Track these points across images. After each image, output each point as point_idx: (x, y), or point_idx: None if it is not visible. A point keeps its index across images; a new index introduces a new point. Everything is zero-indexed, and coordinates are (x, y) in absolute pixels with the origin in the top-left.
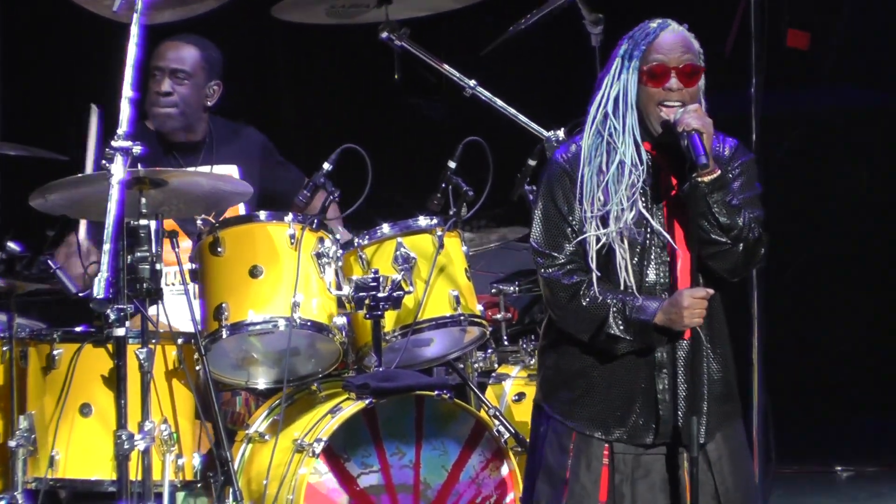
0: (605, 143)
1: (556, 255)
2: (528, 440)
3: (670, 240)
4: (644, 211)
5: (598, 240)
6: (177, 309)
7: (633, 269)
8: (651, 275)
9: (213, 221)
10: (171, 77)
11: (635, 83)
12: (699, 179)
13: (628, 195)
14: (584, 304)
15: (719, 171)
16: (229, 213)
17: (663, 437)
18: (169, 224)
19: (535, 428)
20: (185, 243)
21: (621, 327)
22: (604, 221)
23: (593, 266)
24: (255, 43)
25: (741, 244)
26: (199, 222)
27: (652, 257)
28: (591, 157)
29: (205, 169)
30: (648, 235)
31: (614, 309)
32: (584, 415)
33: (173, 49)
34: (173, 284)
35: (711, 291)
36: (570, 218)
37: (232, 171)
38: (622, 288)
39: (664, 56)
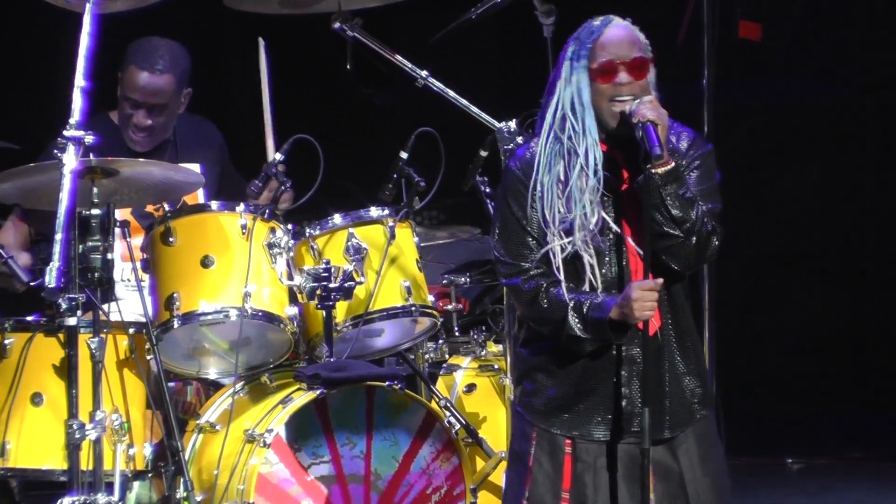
0: (565, 148)
1: (517, 263)
2: (478, 431)
3: (625, 235)
4: (599, 207)
5: (564, 249)
6: (129, 299)
7: (598, 271)
8: (605, 272)
9: (167, 211)
10: (148, 110)
11: (587, 83)
12: (653, 171)
13: (591, 199)
14: (543, 306)
15: (673, 163)
16: (189, 202)
17: (625, 433)
18: (124, 215)
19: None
20: (139, 240)
21: (580, 327)
22: (567, 231)
23: (560, 276)
24: (208, 32)
25: (694, 237)
26: (165, 208)
27: (606, 254)
28: (550, 165)
29: None
30: (604, 232)
31: (572, 310)
32: (543, 409)
33: (149, 82)
34: (129, 280)
35: (661, 282)
36: (529, 227)
37: (195, 169)
38: (587, 289)
39: (611, 52)
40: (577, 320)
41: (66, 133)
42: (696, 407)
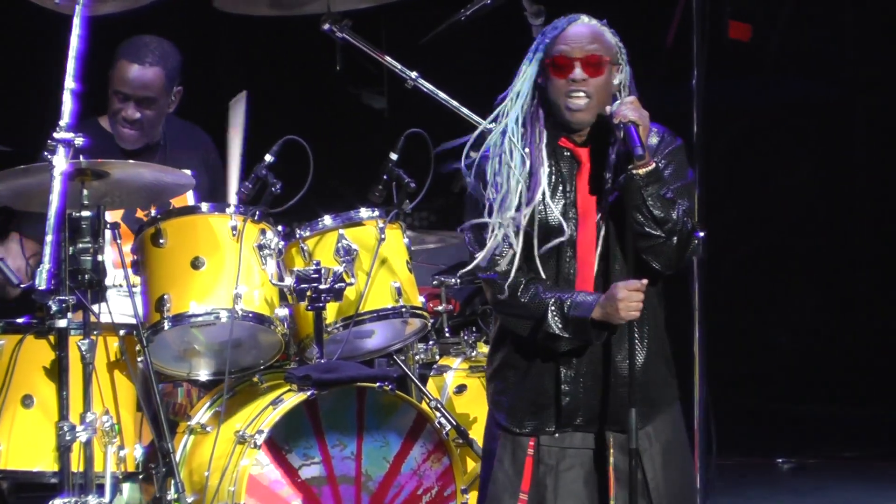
0: (507, 137)
1: (493, 257)
2: (469, 432)
3: (577, 231)
4: (552, 203)
5: (494, 227)
6: (120, 301)
7: (544, 261)
8: (564, 268)
9: (156, 214)
10: (137, 103)
11: (534, 75)
12: (634, 172)
13: (524, 181)
14: (523, 301)
15: (654, 164)
16: (178, 204)
17: (564, 428)
18: (114, 220)
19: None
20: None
21: (560, 325)
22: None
23: (517, 246)
24: (197, 34)
25: (675, 237)
26: (153, 212)
27: (567, 251)
28: (495, 152)
29: None
30: (558, 225)
31: (552, 307)
32: (505, 406)
33: (138, 75)
34: (121, 286)
35: (646, 282)
36: None
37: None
38: (544, 277)
39: (568, 46)
40: (557, 318)
41: (55, 135)
42: (655, 403)
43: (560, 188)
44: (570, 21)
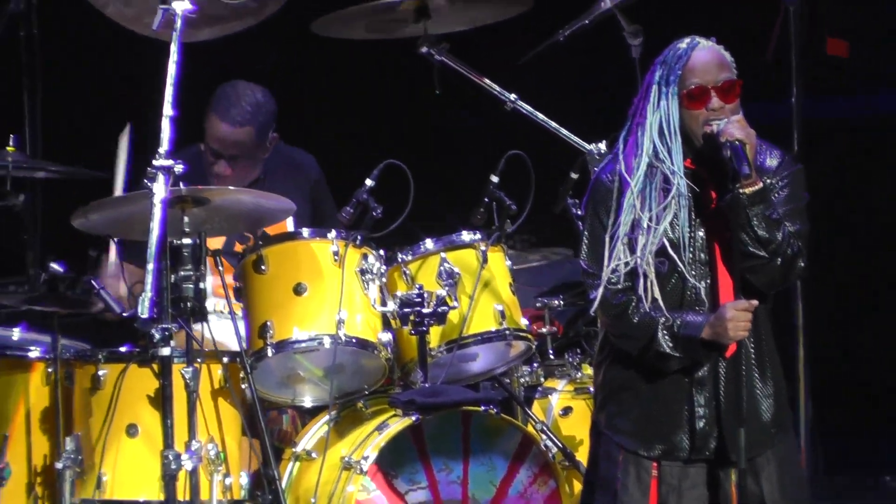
0: (658, 172)
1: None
2: (575, 454)
3: (716, 253)
4: (688, 226)
5: (627, 264)
6: (222, 328)
7: (672, 287)
8: (691, 290)
9: (259, 240)
10: (229, 160)
11: (676, 108)
12: (741, 191)
13: (664, 226)
14: (633, 321)
15: (761, 184)
16: (274, 231)
17: (700, 453)
18: (213, 245)
19: (592, 441)
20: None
21: (670, 344)
22: (632, 246)
23: (649, 292)
24: (295, 58)
25: (779, 259)
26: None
27: (693, 272)
28: (638, 187)
29: None
30: (691, 251)
31: (662, 326)
32: (628, 429)
33: (228, 134)
34: (222, 312)
35: (756, 303)
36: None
37: None
38: (654, 302)
39: (700, 77)
40: (667, 337)
41: (155, 162)
42: (772, 431)
43: (691, 209)
44: (692, 47)
